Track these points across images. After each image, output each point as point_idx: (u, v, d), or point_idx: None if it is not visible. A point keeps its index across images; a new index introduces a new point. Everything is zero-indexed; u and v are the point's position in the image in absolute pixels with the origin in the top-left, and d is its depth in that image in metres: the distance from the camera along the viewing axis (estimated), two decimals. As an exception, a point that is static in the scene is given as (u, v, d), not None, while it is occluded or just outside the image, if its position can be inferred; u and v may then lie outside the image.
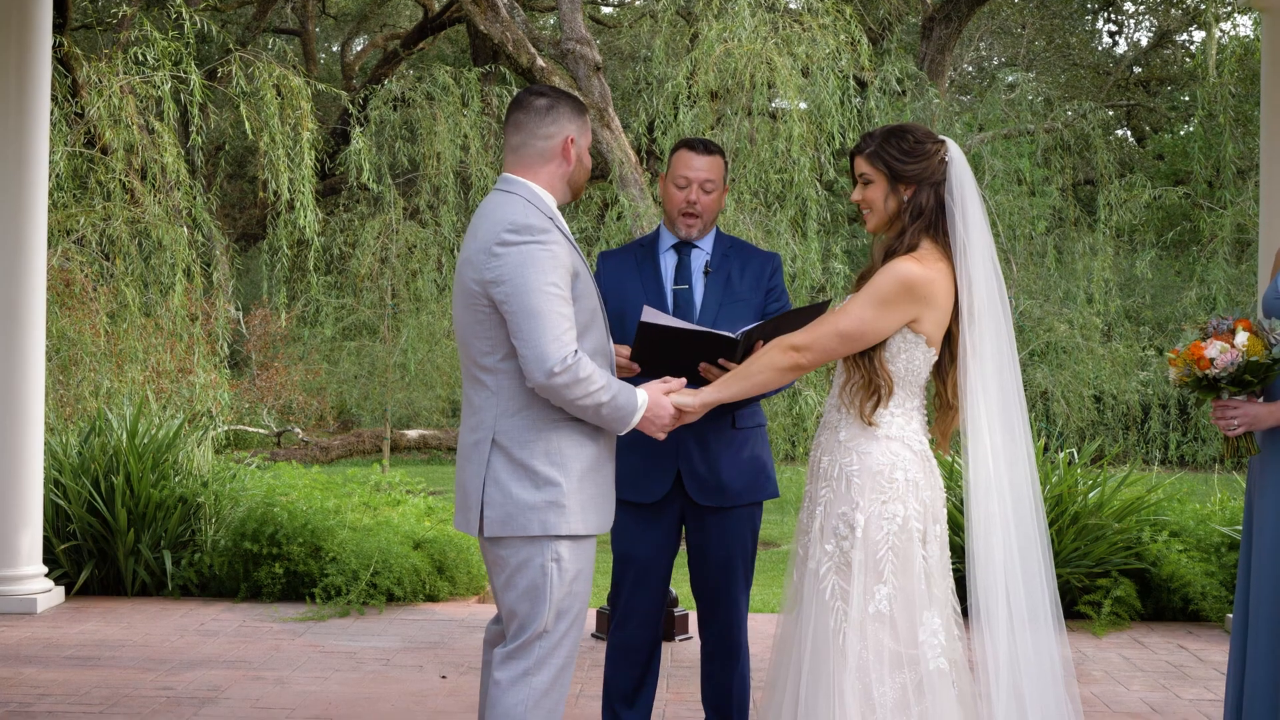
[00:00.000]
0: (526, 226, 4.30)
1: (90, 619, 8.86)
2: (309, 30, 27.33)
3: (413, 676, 7.54)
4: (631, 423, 4.39)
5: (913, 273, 4.39)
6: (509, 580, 4.39)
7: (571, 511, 4.35)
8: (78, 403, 12.82)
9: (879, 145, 4.55)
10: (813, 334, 4.46)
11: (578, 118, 4.56)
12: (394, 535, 9.54)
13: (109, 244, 13.22)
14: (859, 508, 4.39)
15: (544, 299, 4.23)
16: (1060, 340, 15.99)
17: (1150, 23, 29.60)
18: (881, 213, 4.56)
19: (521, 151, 4.53)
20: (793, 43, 13.41)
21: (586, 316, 4.43)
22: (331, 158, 17.84)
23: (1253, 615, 5.19)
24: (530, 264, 4.25)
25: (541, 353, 4.21)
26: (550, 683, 4.37)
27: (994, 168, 15.27)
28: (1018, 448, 4.51)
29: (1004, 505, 4.46)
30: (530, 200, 4.42)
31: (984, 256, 4.49)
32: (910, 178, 4.50)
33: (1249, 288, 16.55)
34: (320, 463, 17.43)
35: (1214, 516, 9.66)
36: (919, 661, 4.34)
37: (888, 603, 4.35)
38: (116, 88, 12.96)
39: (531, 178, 4.51)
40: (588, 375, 4.23)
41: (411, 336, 16.68)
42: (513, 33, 14.44)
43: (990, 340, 4.49)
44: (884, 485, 4.40)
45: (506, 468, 4.37)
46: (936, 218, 4.49)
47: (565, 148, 4.52)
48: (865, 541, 4.37)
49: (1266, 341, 5.04)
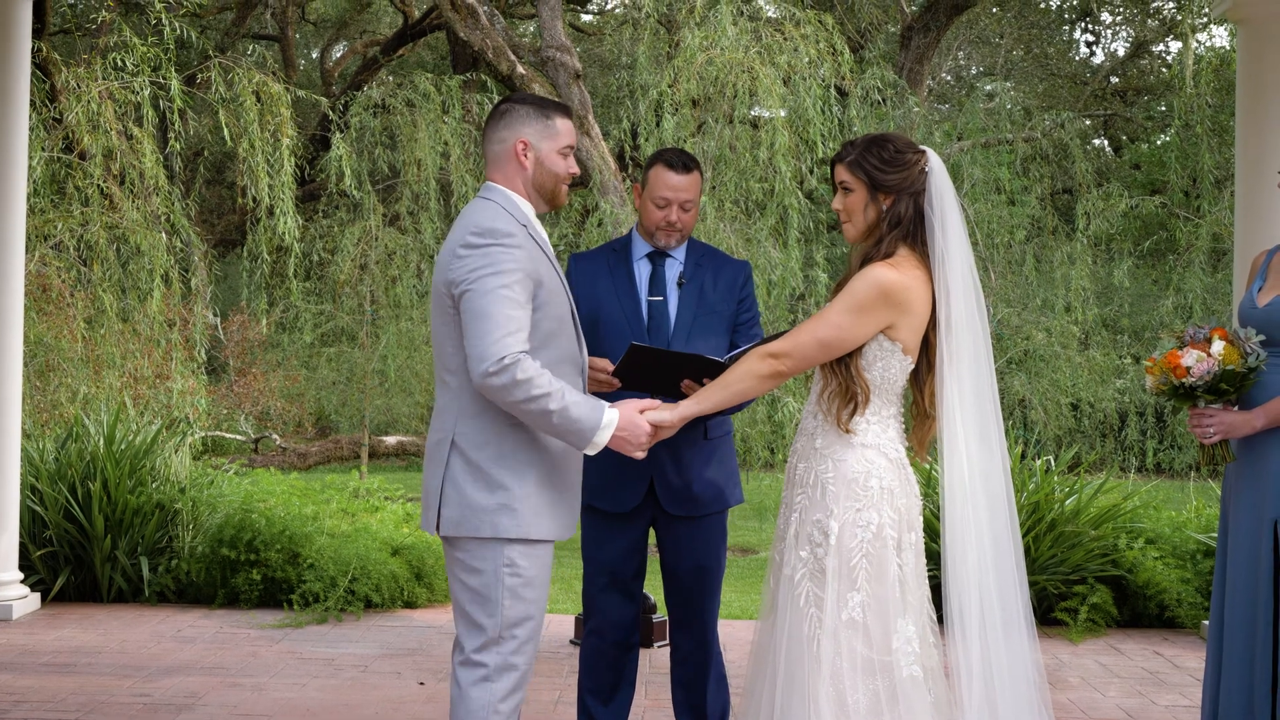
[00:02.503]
0: (491, 230, 4.33)
1: (66, 625, 8.84)
2: (289, 36, 27.32)
3: (390, 683, 7.53)
4: (595, 439, 4.35)
5: (889, 278, 4.40)
6: (462, 581, 4.43)
7: (523, 516, 4.36)
8: (55, 408, 12.78)
9: (860, 154, 4.56)
10: (792, 341, 4.47)
11: (536, 121, 4.55)
12: (372, 542, 9.53)
13: (87, 249, 13.19)
14: (833, 515, 4.40)
15: (494, 301, 4.24)
16: (1038, 348, 16.03)
17: (1127, 33, 29.72)
18: (860, 221, 4.57)
19: (488, 157, 4.59)
20: (774, 51, 13.43)
21: (552, 324, 4.45)
22: (311, 164, 17.82)
23: (1228, 622, 5.22)
24: (487, 267, 4.28)
25: (481, 352, 4.22)
26: (510, 688, 4.39)
27: (973, 176, 15.31)
28: (993, 458, 4.52)
29: (979, 515, 4.47)
30: (505, 206, 4.45)
31: (963, 266, 4.50)
32: (890, 187, 4.51)
33: (1225, 296, 16.63)
34: (298, 469, 17.41)
35: (1190, 524, 9.70)
36: (892, 669, 4.34)
37: (861, 610, 4.36)
38: (95, 93, 12.94)
39: (504, 183, 4.55)
40: (528, 378, 4.21)
41: (390, 343, 16.66)
42: (493, 40, 14.44)
43: (968, 350, 4.50)
44: (858, 493, 4.41)
45: (463, 469, 4.40)
46: (915, 227, 4.50)
47: (517, 152, 4.53)
48: (839, 548, 4.38)
49: (1242, 350, 5.07)
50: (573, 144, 4.64)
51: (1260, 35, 8.77)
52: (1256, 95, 8.77)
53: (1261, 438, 5.10)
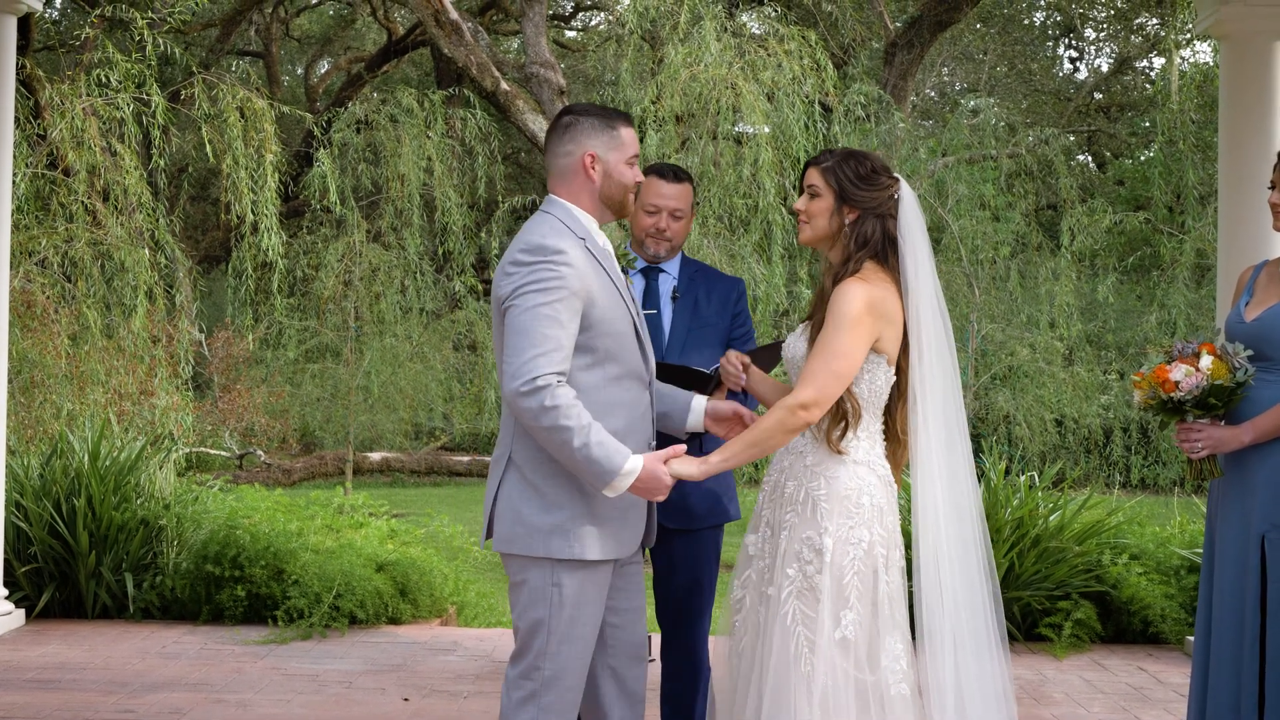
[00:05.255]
0: (540, 247, 4.29)
1: (51, 642, 8.80)
2: (273, 53, 27.34)
3: (375, 699, 7.51)
4: (613, 484, 4.25)
5: (867, 291, 4.41)
6: (514, 595, 4.43)
7: (575, 537, 4.33)
8: (39, 425, 12.74)
9: (836, 163, 4.57)
10: (814, 386, 4.37)
11: (602, 132, 4.49)
12: (357, 558, 9.51)
13: (71, 266, 13.17)
14: (827, 532, 4.39)
15: (534, 319, 4.21)
16: (1022, 364, 16.08)
17: (1111, 49, 29.85)
18: (821, 227, 4.57)
19: (551, 171, 4.55)
20: (758, 67, 13.48)
21: (609, 342, 4.39)
22: (295, 180, 17.82)
23: (1214, 637, 5.23)
24: (533, 284, 4.24)
25: (515, 369, 4.19)
26: (557, 706, 4.36)
27: (958, 192, 15.35)
28: (960, 488, 4.54)
29: (950, 536, 4.49)
30: (564, 220, 4.43)
31: (932, 296, 4.52)
32: (856, 202, 4.52)
33: (1208, 312, 16.68)
34: (283, 485, 17.38)
35: (1174, 539, 9.72)
36: (881, 688, 4.35)
37: (853, 628, 4.35)
38: (79, 109, 12.93)
39: (568, 197, 4.51)
40: (556, 406, 4.16)
41: (374, 359, 16.66)
42: (477, 56, 14.46)
43: (939, 376, 4.52)
44: (851, 510, 4.41)
45: (518, 486, 4.38)
46: (883, 249, 4.51)
47: (585, 165, 4.48)
48: (832, 566, 4.37)
49: (1230, 365, 5.09)
50: (637, 152, 4.60)
51: (1243, 51, 8.81)
52: (1239, 111, 8.81)
53: (1249, 453, 5.11)
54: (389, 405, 18.12)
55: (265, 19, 26.86)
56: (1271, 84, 8.75)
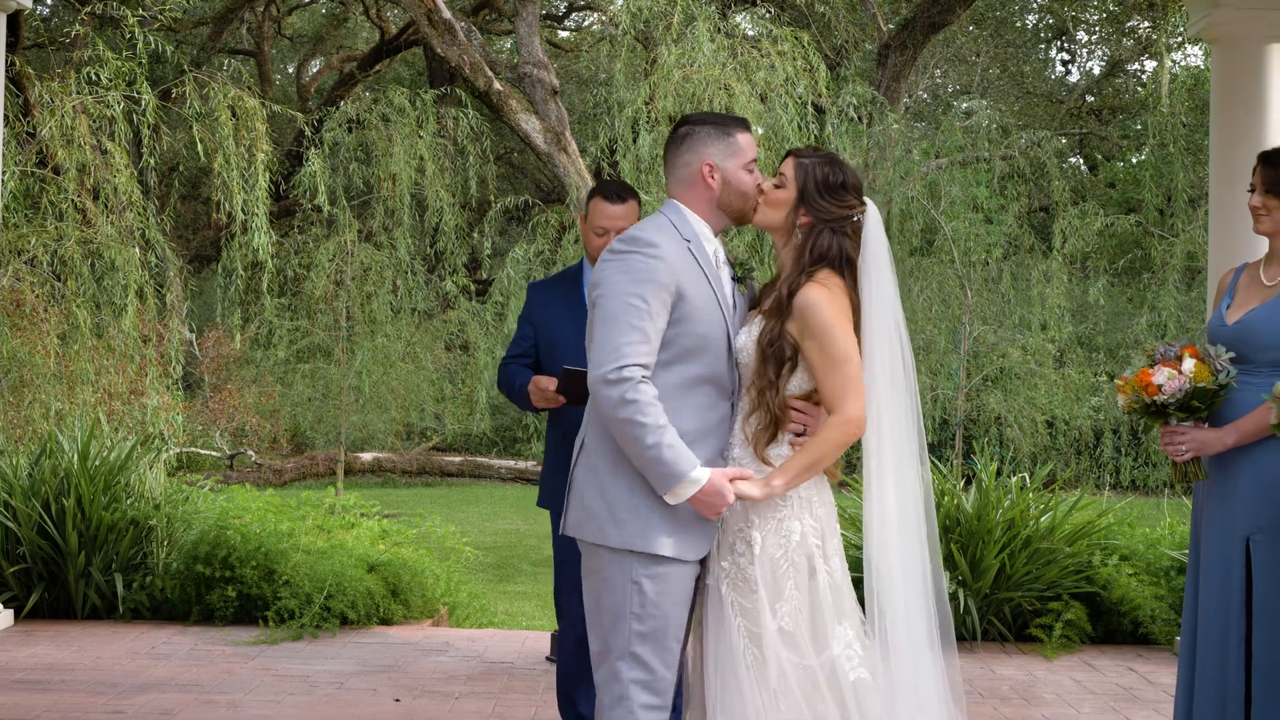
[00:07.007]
0: (635, 239, 4.35)
1: (40, 642, 8.79)
2: (265, 52, 27.31)
3: (366, 700, 7.51)
4: (674, 489, 4.23)
5: (828, 294, 4.42)
6: (584, 583, 4.47)
7: (631, 527, 4.31)
8: (28, 424, 12.71)
9: (814, 161, 4.56)
10: (852, 399, 4.39)
11: (718, 140, 4.53)
12: (348, 558, 9.50)
13: (61, 265, 13.12)
14: (755, 525, 4.41)
15: (622, 307, 4.24)
16: (1014, 366, 16.07)
17: (1103, 52, 29.89)
18: (772, 219, 4.59)
19: (670, 179, 4.59)
20: (751, 68, 13.48)
21: (693, 340, 4.38)
22: (286, 179, 17.80)
23: (1200, 638, 5.25)
24: (623, 273, 4.28)
25: (601, 356, 4.23)
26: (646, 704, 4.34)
27: (951, 195, 15.33)
28: (907, 507, 4.55)
29: (893, 552, 4.51)
30: (673, 220, 4.48)
31: (889, 327, 4.52)
32: (812, 207, 4.51)
33: (1199, 315, 16.69)
34: (274, 485, 17.36)
35: (1164, 540, 9.73)
36: (834, 673, 4.35)
37: (790, 620, 4.37)
38: (69, 107, 12.89)
39: (685, 201, 4.56)
40: (637, 401, 4.17)
41: (366, 359, 16.62)
42: (470, 56, 14.46)
43: (887, 399, 4.52)
44: (778, 502, 4.41)
45: (590, 474, 4.40)
46: (841, 265, 4.50)
47: (704, 174, 4.52)
48: (764, 558, 4.39)
49: (1213, 368, 5.11)
50: (755, 157, 4.62)
51: (1235, 55, 8.84)
52: (1230, 114, 8.83)
53: (1232, 455, 5.13)
54: (380, 405, 18.09)
55: (257, 17, 26.83)
56: (1262, 87, 8.78)
